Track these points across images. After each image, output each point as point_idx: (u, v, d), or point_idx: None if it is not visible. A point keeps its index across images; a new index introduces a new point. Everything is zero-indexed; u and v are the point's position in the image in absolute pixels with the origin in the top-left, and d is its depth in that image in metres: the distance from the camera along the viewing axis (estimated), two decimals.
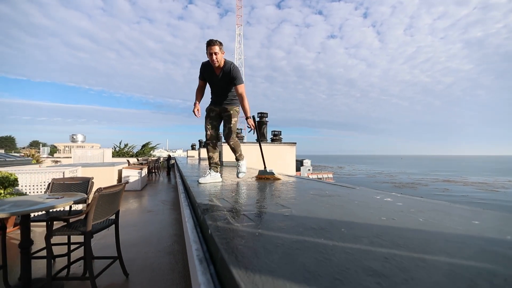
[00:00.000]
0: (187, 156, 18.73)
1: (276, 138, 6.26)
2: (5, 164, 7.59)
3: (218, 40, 2.52)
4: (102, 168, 7.34)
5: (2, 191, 3.76)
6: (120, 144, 19.48)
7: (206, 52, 2.51)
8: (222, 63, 2.59)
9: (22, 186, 4.32)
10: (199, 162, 10.38)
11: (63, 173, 4.60)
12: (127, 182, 4.05)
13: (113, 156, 14.43)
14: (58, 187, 2.89)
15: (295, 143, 6.33)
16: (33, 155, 12.50)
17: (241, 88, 2.67)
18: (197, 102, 2.77)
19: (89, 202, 2.24)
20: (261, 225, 1.20)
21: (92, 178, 2.98)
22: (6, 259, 2.36)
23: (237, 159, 3.18)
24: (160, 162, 14.07)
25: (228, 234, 1.06)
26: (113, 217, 2.31)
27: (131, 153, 19.20)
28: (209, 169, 2.88)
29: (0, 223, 2.32)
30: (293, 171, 6.16)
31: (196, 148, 19.48)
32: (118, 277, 2.32)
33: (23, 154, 12.65)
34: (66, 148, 21.31)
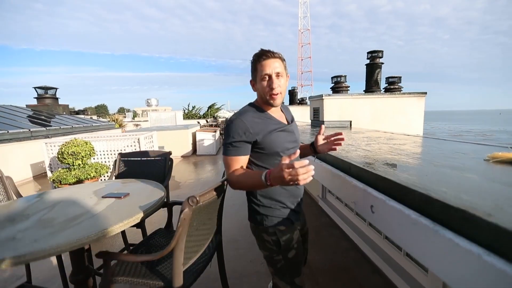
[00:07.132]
0: None
1: (394, 87, 4.40)
2: (92, 129, 7.85)
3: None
4: (176, 132, 6.86)
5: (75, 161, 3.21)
6: (188, 106, 19.82)
7: (256, 76, 1.05)
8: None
9: (98, 152, 3.86)
10: None
11: (138, 139, 3.94)
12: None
13: (183, 118, 14.61)
14: (126, 166, 1.98)
15: (425, 93, 4.36)
16: (116, 119, 13.42)
17: None
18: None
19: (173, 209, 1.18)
20: None
21: (170, 153, 1.98)
22: None
23: None
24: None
25: None
26: (212, 239, 1.22)
27: (198, 115, 19.41)
28: None
29: None
30: (419, 132, 4.34)
31: None
32: None
33: (109, 120, 13.74)
34: (144, 112, 23.11)
